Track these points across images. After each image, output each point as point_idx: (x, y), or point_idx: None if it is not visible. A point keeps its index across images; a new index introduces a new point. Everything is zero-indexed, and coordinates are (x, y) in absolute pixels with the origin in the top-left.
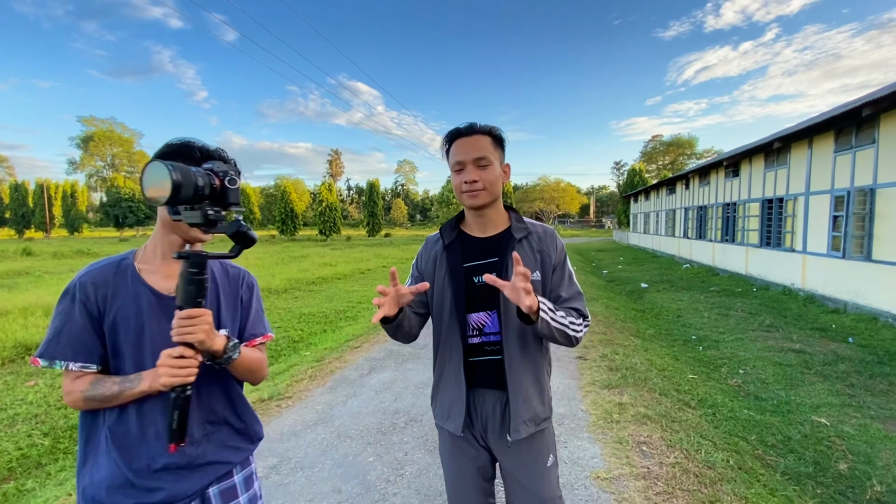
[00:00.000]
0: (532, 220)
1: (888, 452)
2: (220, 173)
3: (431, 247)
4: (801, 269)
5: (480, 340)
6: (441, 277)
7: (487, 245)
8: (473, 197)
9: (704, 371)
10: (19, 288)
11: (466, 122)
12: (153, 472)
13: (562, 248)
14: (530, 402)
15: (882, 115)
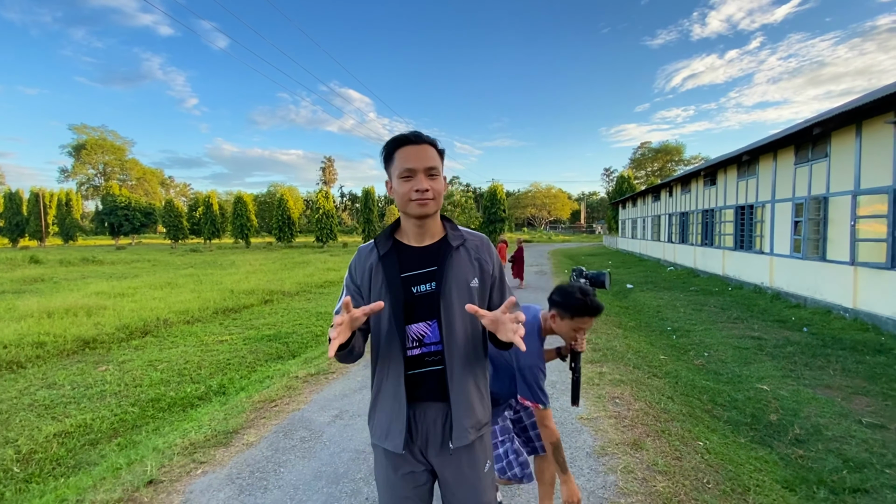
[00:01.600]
0: (466, 227)
1: (811, 408)
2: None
3: (366, 258)
4: (769, 269)
5: (421, 352)
6: (378, 288)
7: (425, 254)
8: (423, 206)
9: (674, 353)
10: (44, 293)
11: (411, 131)
12: None
13: (496, 256)
14: (472, 409)
15: (833, 133)
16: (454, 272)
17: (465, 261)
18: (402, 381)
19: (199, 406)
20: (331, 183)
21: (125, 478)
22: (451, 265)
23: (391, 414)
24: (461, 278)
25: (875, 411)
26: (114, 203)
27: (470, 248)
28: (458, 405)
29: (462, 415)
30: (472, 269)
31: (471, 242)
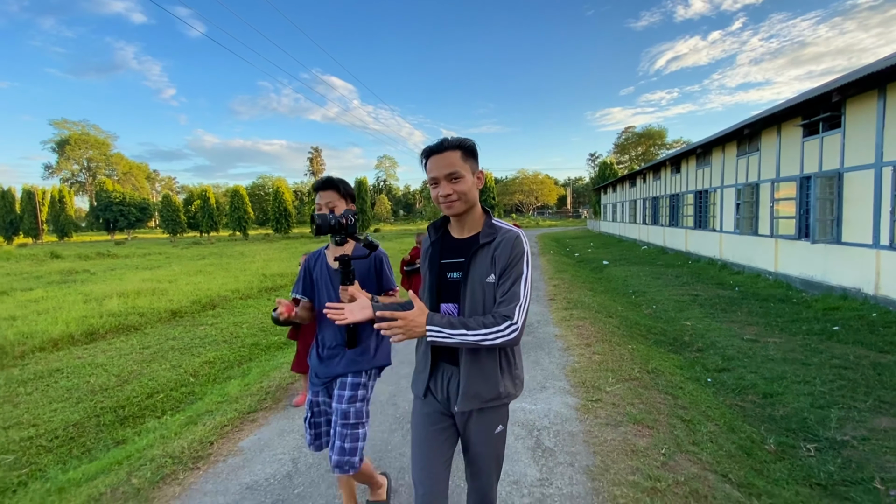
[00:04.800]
0: (506, 223)
1: (714, 334)
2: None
3: (426, 241)
4: (719, 244)
5: None
6: (424, 269)
7: (460, 245)
8: (449, 208)
9: (630, 306)
10: (91, 282)
11: (438, 140)
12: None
13: (517, 253)
14: (473, 381)
15: (762, 132)
16: (475, 268)
17: (486, 258)
18: (429, 345)
19: (286, 348)
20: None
21: (259, 383)
22: (475, 261)
23: (420, 367)
24: (480, 274)
25: (757, 333)
26: (108, 199)
27: (494, 245)
28: (465, 376)
29: (468, 385)
30: (491, 267)
31: (498, 240)
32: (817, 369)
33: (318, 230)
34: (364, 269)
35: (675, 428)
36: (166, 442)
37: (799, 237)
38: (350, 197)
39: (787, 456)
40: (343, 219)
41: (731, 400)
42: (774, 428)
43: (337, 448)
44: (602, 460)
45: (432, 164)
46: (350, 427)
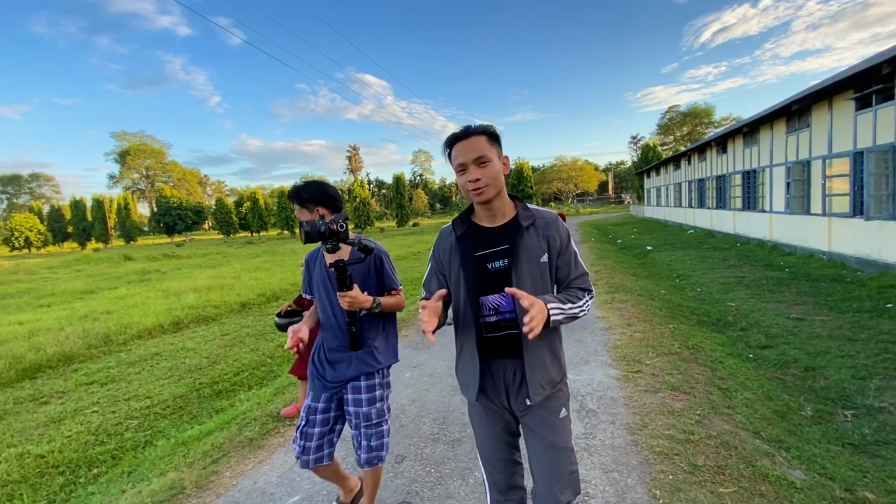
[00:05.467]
0: (536, 206)
1: (759, 313)
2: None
3: (445, 238)
4: (769, 225)
5: (497, 319)
6: (456, 266)
7: (497, 234)
8: (480, 194)
9: (673, 289)
10: (164, 280)
11: (462, 127)
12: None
13: (565, 232)
14: (546, 368)
15: (813, 106)
16: (525, 250)
17: (534, 239)
18: (475, 344)
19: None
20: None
21: None
22: (523, 244)
23: (469, 370)
24: (531, 255)
25: (804, 312)
26: (167, 204)
27: (539, 226)
28: (531, 366)
29: (536, 374)
30: (542, 246)
31: (540, 221)
32: (863, 344)
33: (307, 238)
34: (364, 270)
35: (711, 394)
36: (263, 406)
37: (853, 215)
38: (327, 202)
39: (823, 421)
40: (334, 224)
41: (772, 373)
42: (813, 397)
43: (364, 447)
44: (641, 419)
45: (458, 151)
46: (374, 427)
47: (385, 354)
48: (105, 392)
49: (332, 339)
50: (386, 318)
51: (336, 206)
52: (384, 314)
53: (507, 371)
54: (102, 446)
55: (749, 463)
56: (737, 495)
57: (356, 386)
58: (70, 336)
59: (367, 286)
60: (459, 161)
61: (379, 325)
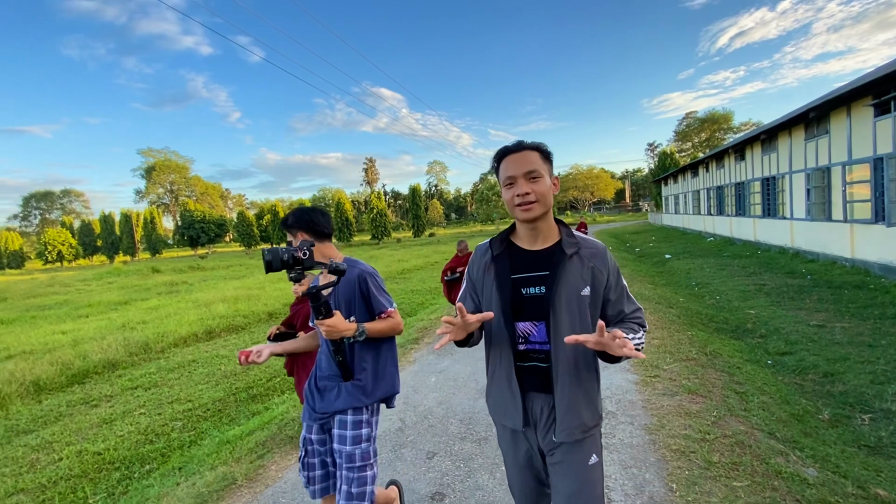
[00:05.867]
0: (582, 234)
1: (779, 320)
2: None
3: (481, 256)
4: (790, 232)
5: (526, 348)
6: (489, 286)
7: (537, 258)
8: (527, 210)
9: (692, 297)
10: (190, 292)
11: (514, 141)
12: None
13: (614, 265)
14: (577, 410)
15: (831, 113)
16: (566, 280)
17: (577, 269)
18: (513, 370)
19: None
20: (373, 183)
21: None
22: (564, 273)
23: (507, 397)
24: (572, 286)
25: (825, 319)
26: (191, 218)
27: (584, 255)
28: (562, 405)
29: (566, 415)
30: (585, 278)
31: (586, 250)
32: (883, 350)
33: (267, 267)
34: (349, 294)
35: (727, 397)
36: (299, 408)
37: (876, 221)
38: (308, 227)
39: (840, 424)
40: (298, 252)
41: (790, 378)
42: (831, 402)
43: (344, 493)
44: (658, 420)
45: (509, 163)
46: (357, 470)
47: (377, 387)
48: (149, 396)
49: (325, 366)
50: (381, 345)
51: (317, 231)
52: (378, 340)
53: (534, 404)
54: (152, 445)
55: (763, 460)
56: (750, 489)
57: (342, 420)
58: (112, 344)
59: (353, 311)
60: (509, 174)
61: (372, 352)
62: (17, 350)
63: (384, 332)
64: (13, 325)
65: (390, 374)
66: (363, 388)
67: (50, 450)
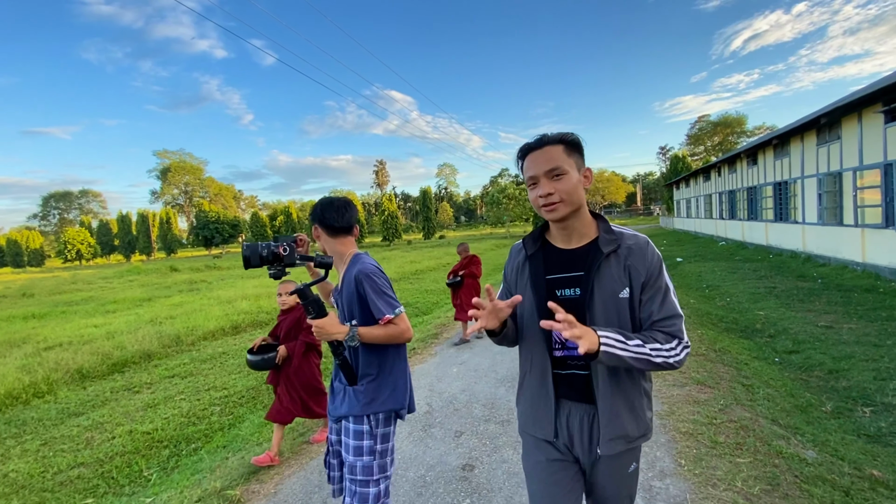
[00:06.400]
0: (626, 227)
1: (788, 321)
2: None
3: (515, 256)
4: (801, 236)
5: (563, 354)
6: (523, 287)
7: (572, 257)
8: (552, 211)
9: (703, 299)
10: (210, 290)
11: (537, 136)
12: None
13: (656, 261)
14: (620, 420)
15: (842, 118)
16: (602, 281)
17: (614, 269)
18: (548, 377)
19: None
20: (384, 185)
21: None
22: (600, 273)
23: (538, 405)
24: (608, 288)
25: (833, 320)
26: (206, 218)
27: (622, 253)
28: (605, 415)
29: (609, 426)
30: (622, 279)
31: (625, 247)
32: (888, 350)
33: (245, 263)
34: (350, 294)
35: (734, 389)
36: None
37: (886, 226)
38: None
39: (842, 416)
40: (278, 248)
41: (796, 375)
42: (834, 396)
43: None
44: (669, 407)
45: (530, 162)
46: (358, 484)
47: (380, 398)
48: (186, 384)
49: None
50: (386, 353)
51: (327, 225)
52: (383, 347)
53: (573, 415)
54: (195, 426)
55: (765, 442)
56: (752, 465)
57: (346, 427)
58: (146, 337)
59: (355, 314)
60: (531, 174)
61: (376, 360)
62: (55, 341)
63: (382, 340)
64: (46, 319)
65: (395, 386)
66: (365, 396)
67: (102, 430)
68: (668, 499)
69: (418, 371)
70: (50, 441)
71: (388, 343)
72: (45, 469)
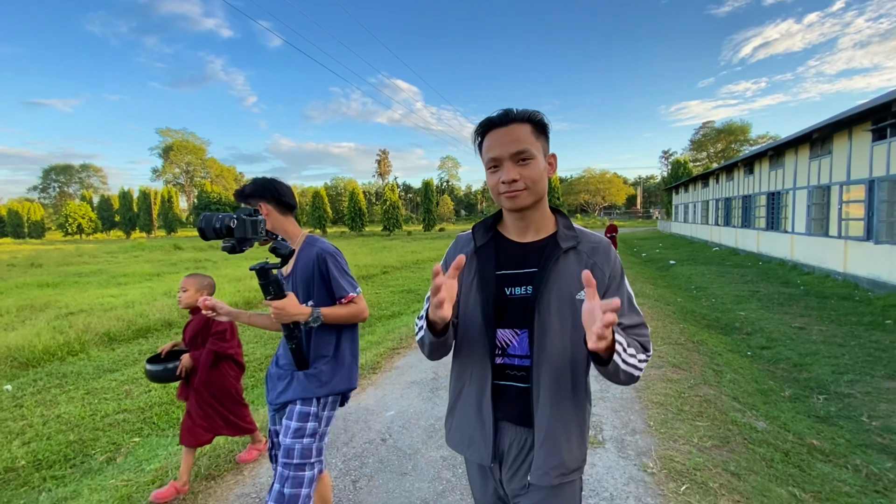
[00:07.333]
0: (583, 227)
1: (765, 322)
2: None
3: (462, 246)
4: (790, 245)
5: (502, 362)
6: (469, 283)
7: (526, 252)
8: (513, 198)
9: (689, 299)
10: (217, 268)
11: (500, 110)
12: None
13: (618, 265)
14: (558, 447)
15: (834, 135)
16: (557, 280)
17: (573, 266)
18: (487, 388)
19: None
20: (385, 175)
21: (397, 330)
22: (557, 270)
23: (475, 423)
24: (565, 288)
25: (806, 323)
26: (207, 199)
27: (583, 251)
28: (541, 437)
29: (546, 451)
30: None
31: (586, 245)
32: (850, 349)
33: (201, 234)
34: (307, 274)
35: (705, 373)
36: None
37: (868, 238)
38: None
39: (798, 401)
40: (233, 220)
41: (764, 366)
42: (794, 385)
43: (274, 493)
44: (645, 384)
45: (493, 141)
46: (293, 468)
47: (334, 379)
48: None
49: (283, 353)
50: (341, 333)
51: (282, 202)
52: (339, 328)
53: (503, 436)
54: None
55: (723, 413)
56: (708, 428)
57: (291, 410)
58: (164, 307)
59: (312, 294)
60: (493, 154)
61: (332, 342)
62: (76, 308)
63: (344, 319)
64: (60, 288)
65: (349, 367)
66: (318, 379)
67: (138, 384)
68: (637, 449)
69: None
70: (92, 391)
71: (347, 322)
72: (94, 413)
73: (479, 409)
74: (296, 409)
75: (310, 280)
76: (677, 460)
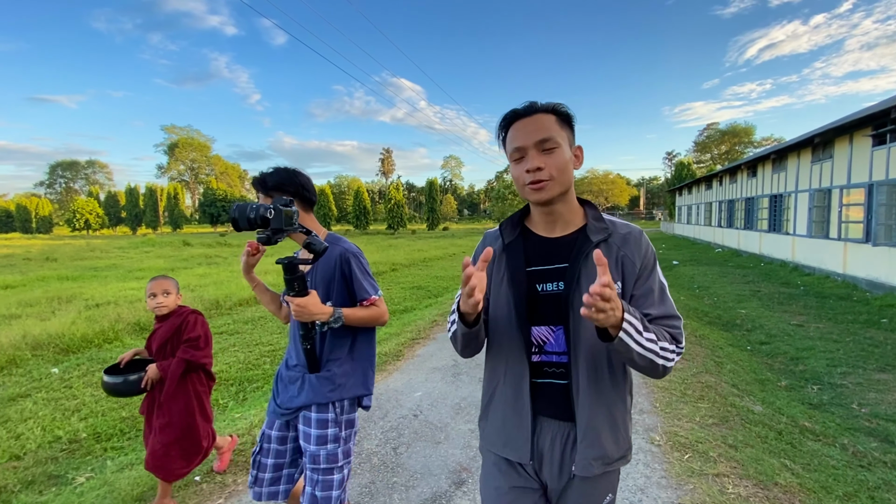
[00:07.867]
0: (613, 216)
1: (765, 319)
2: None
3: (490, 244)
4: (791, 247)
5: (540, 359)
6: (499, 281)
7: (556, 247)
8: (538, 189)
9: (692, 298)
10: (227, 264)
11: (525, 102)
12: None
13: (650, 254)
14: (599, 439)
15: (835, 139)
16: (589, 274)
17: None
18: (525, 387)
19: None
20: (389, 173)
21: (406, 330)
22: (588, 265)
23: (512, 421)
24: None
25: (804, 321)
26: (213, 196)
27: (614, 243)
28: (583, 431)
29: (588, 443)
30: (614, 272)
31: (617, 236)
32: (845, 345)
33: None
34: (328, 274)
35: (707, 363)
36: None
37: (867, 241)
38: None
39: (793, 390)
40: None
41: (762, 360)
42: (790, 376)
43: (308, 496)
44: None
45: (517, 131)
46: (322, 472)
47: (349, 383)
48: (235, 339)
49: (293, 355)
50: (357, 337)
51: (306, 198)
52: (354, 330)
53: (544, 432)
54: (252, 371)
55: (723, 397)
56: (709, 409)
57: (306, 417)
58: (187, 300)
59: (331, 294)
60: (517, 144)
61: (346, 344)
62: (102, 300)
63: (364, 322)
64: (80, 281)
65: (364, 371)
66: (331, 382)
67: None
68: (645, 426)
69: (441, 337)
70: None
71: (366, 325)
72: None
73: (515, 407)
74: (313, 417)
75: (330, 279)
76: (681, 435)
